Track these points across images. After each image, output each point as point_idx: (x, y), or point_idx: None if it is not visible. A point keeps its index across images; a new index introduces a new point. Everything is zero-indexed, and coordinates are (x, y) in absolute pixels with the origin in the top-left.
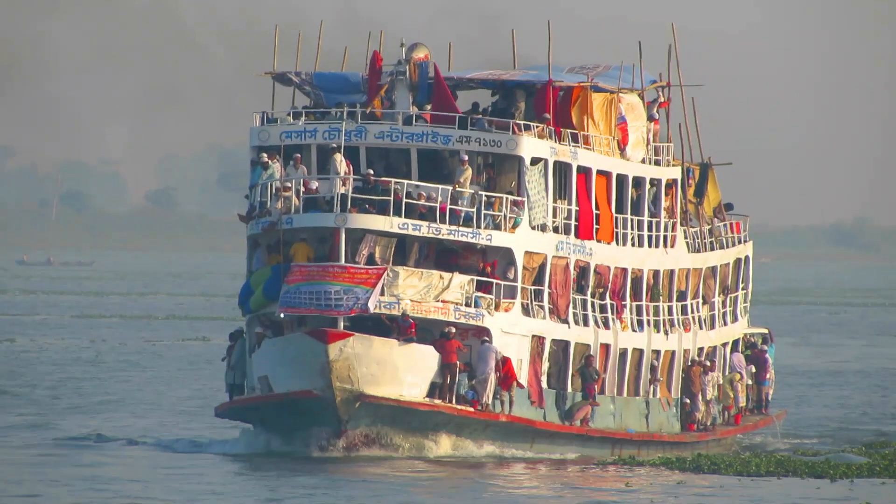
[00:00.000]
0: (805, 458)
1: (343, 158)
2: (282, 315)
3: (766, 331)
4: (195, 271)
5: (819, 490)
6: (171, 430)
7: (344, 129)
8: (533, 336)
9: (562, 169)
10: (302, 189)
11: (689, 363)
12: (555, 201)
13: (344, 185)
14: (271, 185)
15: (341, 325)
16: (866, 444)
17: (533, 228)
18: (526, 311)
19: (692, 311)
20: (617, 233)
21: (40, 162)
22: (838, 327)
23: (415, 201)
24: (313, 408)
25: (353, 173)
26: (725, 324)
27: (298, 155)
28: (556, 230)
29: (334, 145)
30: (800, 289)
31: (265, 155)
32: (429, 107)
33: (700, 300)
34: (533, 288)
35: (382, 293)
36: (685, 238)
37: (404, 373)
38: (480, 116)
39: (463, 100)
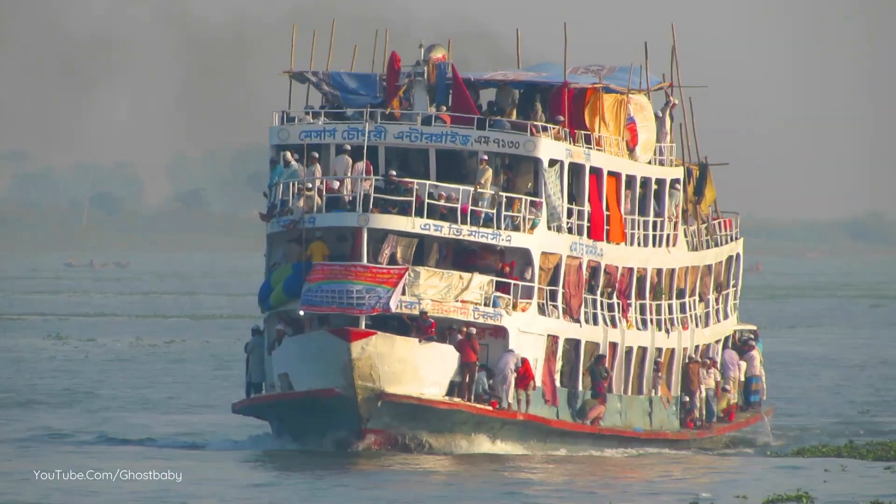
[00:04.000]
0: None
1: (350, 159)
2: (302, 313)
3: (754, 327)
4: (235, 270)
5: None
6: (187, 428)
7: (366, 129)
8: (548, 335)
9: (576, 170)
10: (324, 188)
11: (687, 360)
12: (569, 202)
13: (351, 185)
14: (293, 184)
15: (363, 323)
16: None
17: (549, 229)
18: (541, 310)
19: (690, 309)
20: (625, 232)
21: (57, 164)
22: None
23: (436, 202)
24: (334, 406)
25: (372, 174)
26: (718, 321)
27: (316, 154)
28: (570, 231)
29: (348, 147)
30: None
31: (289, 153)
32: (444, 108)
33: (697, 298)
34: (548, 288)
35: (404, 293)
36: (685, 237)
37: (425, 371)
38: (500, 118)
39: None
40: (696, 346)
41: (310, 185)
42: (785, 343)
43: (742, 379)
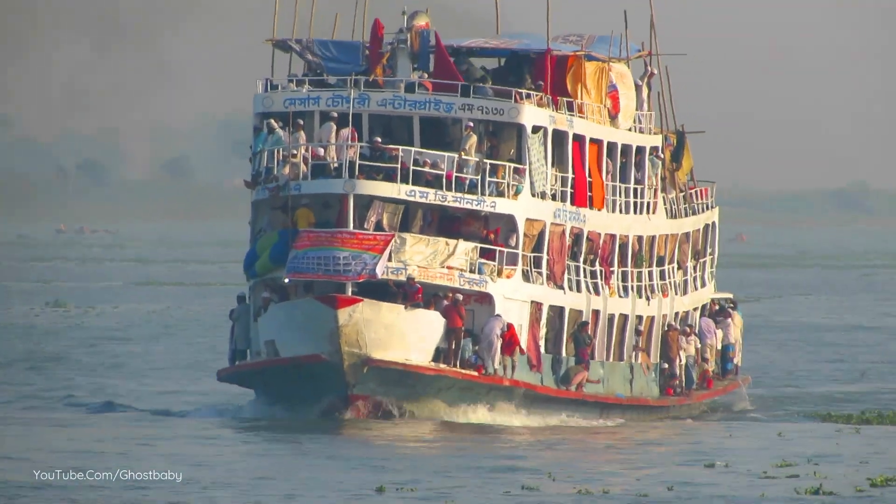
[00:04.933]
0: None
1: (335, 126)
2: (287, 280)
3: (730, 295)
4: (222, 238)
5: None
6: (171, 396)
7: (353, 96)
8: (532, 302)
9: (559, 137)
10: (309, 155)
11: (667, 328)
12: (552, 169)
13: (336, 152)
14: (278, 151)
15: (349, 290)
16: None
17: (533, 196)
18: (526, 277)
19: (669, 277)
20: (606, 199)
21: (40, 132)
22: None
23: (421, 169)
24: (320, 372)
25: (356, 141)
26: (696, 289)
27: (300, 121)
28: (553, 197)
29: (334, 115)
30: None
31: (273, 120)
32: (425, 74)
33: (675, 266)
34: (532, 255)
35: (390, 259)
36: (664, 204)
37: (411, 338)
38: (482, 84)
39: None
40: (676, 314)
41: (294, 152)
42: (780, 312)
43: (718, 347)
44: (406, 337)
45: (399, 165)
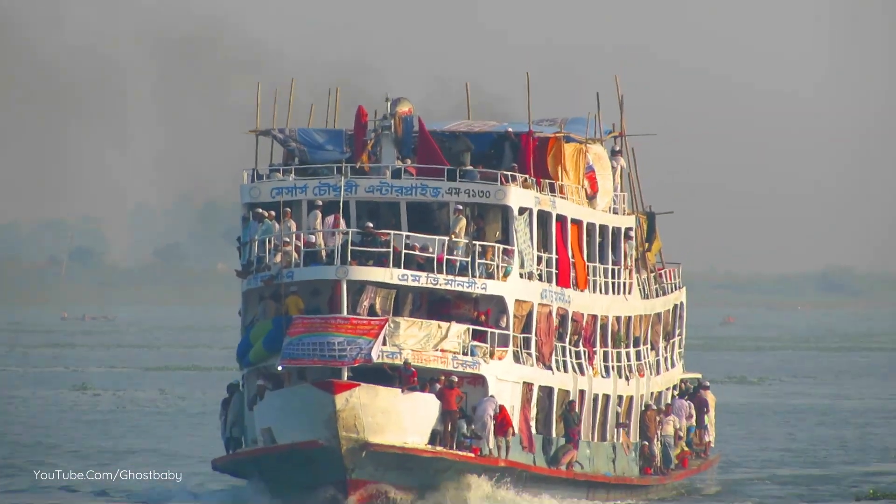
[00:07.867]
0: None
1: (320, 214)
2: (280, 368)
3: (699, 375)
4: (214, 324)
5: None
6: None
7: (342, 184)
8: (523, 383)
9: (543, 218)
10: (301, 243)
11: (644, 408)
12: (538, 250)
13: (326, 239)
14: (270, 240)
15: (345, 375)
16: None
17: (521, 277)
18: (516, 358)
19: (644, 357)
20: (588, 280)
21: (21, 220)
22: None
23: (412, 252)
24: (318, 458)
25: (343, 227)
26: (667, 369)
27: (289, 209)
28: (539, 278)
29: (319, 203)
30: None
31: (261, 209)
32: (409, 161)
33: (649, 346)
34: (522, 336)
35: (384, 343)
36: (637, 285)
37: (408, 421)
38: (470, 168)
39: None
40: (651, 394)
41: (287, 240)
42: (792, 395)
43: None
44: (403, 420)
45: (391, 250)
